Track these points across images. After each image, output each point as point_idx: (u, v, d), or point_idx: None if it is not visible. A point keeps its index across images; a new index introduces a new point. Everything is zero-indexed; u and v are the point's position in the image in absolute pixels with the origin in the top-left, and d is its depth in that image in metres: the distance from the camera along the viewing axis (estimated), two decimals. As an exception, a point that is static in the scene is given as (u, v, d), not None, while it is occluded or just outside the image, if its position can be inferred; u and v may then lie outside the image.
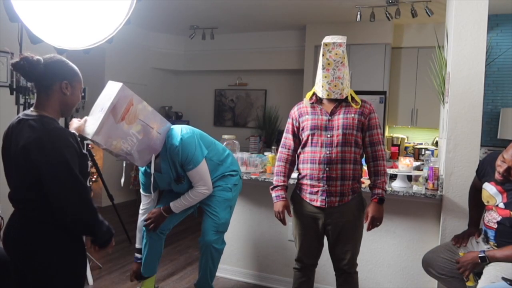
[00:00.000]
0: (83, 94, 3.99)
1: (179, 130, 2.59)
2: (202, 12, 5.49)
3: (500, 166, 2.13)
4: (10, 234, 1.69)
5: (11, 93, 2.97)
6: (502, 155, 2.14)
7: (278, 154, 2.46)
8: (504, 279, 2.03)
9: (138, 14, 2.39)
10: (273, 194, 2.40)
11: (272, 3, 4.96)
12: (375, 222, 2.30)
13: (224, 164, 2.81)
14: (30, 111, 1.70)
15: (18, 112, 2.99)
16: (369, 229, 2.32)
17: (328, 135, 2.27)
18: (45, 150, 1.57)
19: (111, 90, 2.28)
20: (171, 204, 2.68)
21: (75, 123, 2.25)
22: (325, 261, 2.49)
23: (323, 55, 2.22)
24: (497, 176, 2.16)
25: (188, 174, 2.60)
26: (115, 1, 2.19)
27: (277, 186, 2.40)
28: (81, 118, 2.29)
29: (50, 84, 1.68)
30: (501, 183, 2.18)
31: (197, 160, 2.56)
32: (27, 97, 2.92)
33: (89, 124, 2.22)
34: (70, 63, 1.76)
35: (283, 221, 2.39)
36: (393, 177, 3.03)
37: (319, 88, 2.30)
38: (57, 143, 1.60)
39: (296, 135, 2.40)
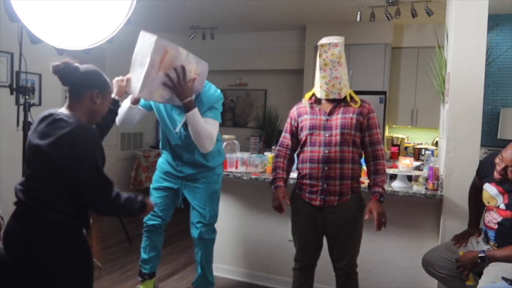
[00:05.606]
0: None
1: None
2: (202, 12, 5.49)
3: (498, 165, 2.16)
4: (13, 234, 1.69)
5: (11, 93, 2.97)
6: (501, 153, 2.17)
7: (276, 152, 2.48)
8: (504, 279, 2.03)
9: (138, 14, 2.39)
10: (272, 186, 2.41)
11: (272, 3, 4.96)
12: (382, 219, 2.23)
13: (219, 153, 2.86)
14: (63, 110, 1.76)
15: (18, 112, 2.99)
16: (379, 228, 2.24)
17: (327, 135, 2.27)
18: (77, 146, 1.63)
19: (147, 43, 2.28)
20: (194, 111, 2.47)
21: (115, 84, 2.29)
22: (325, 262, 2.49)
23: (319, 56, 2.24)
24: (495, 174, 2.18)
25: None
26: (115, 1, 2.19)
27: (275, 178, 2.40)
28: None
29: (83, 91, 1.75)
30: (500, 182, 2.19)
31: (217, 116, 2.61)
32: (27, 97, 2.92)
33: (133, 81, 2.26)
34: (104, 75, 1.84)
35: (280, 208, 2.35)
36: (393, 177, 3.03)
37: (318, 88, 2.31)
38: (90, 138, 1.67)
39: (294, 135, 2.41)
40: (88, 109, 1.77)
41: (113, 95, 2.23)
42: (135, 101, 2.62)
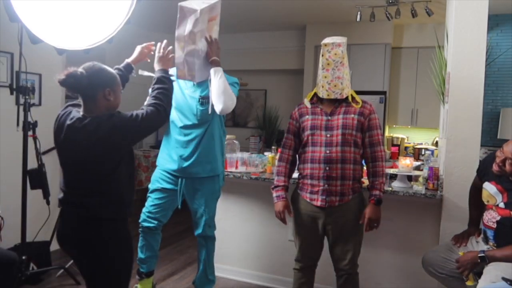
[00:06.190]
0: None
1: None
2: (202, 12, 5.49)
3: (499, 157, 2.18)
4: (70, 235, 1.84)
5: (11, 93, 2.97)
6: (502, 147, 2.19)
7: (279, 154, 2.47)
8: (504, 279, 2.03)
9: (138, 14, 2.39)
10: (274, 194, 2.41)
11: (272, 3, 4.96)
12: (372, 224, 2.30)
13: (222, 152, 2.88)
14: (82, 112, 1.82)
15: (18, 112, 2.99)
16: (366, 230, 2.33)
17: (328, 135, 2.27)
18: (126, 128, 1.78)
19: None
20: (220, 68, 2.66)
21: (137, 51, 2.60)
22: (325, 262, 2.49)
23: (322, 55, 2.24)
24: (494, 167, 2.19)
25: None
26: (115, 1, 2.19)
27: (277, 186, 2.41)
28: None
29: (95, 94, 1.79)
30: (498, 175, 2.20)
31: (236, 91, 2.69)
32: (27, 97, 2.92)
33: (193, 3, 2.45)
34: (108, 69, 1.86)
35: (284, 221, 2.40)
36: (393, 177, 3.03)
37: (320, 88, 2.31)
38: (116, 122, 1.77)
39: (296, 135, 2.41)
40: (105, 107, 1.81)
41: (129, 60, 2.36)
42: None
